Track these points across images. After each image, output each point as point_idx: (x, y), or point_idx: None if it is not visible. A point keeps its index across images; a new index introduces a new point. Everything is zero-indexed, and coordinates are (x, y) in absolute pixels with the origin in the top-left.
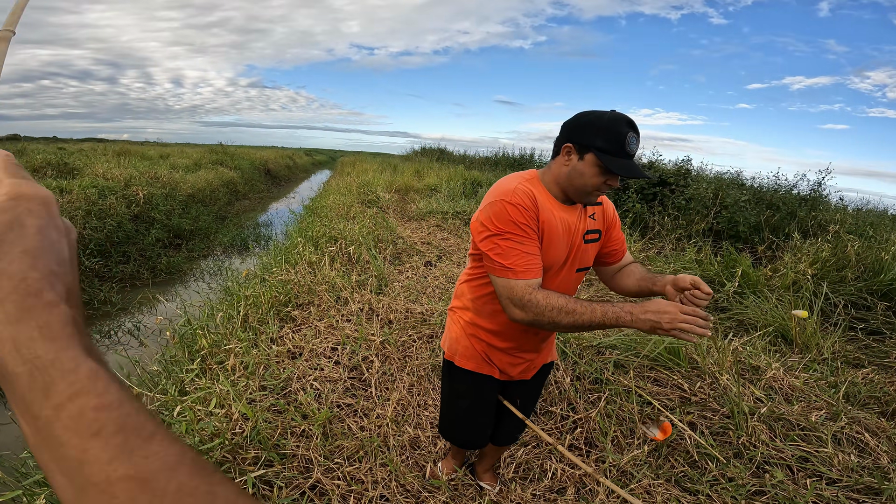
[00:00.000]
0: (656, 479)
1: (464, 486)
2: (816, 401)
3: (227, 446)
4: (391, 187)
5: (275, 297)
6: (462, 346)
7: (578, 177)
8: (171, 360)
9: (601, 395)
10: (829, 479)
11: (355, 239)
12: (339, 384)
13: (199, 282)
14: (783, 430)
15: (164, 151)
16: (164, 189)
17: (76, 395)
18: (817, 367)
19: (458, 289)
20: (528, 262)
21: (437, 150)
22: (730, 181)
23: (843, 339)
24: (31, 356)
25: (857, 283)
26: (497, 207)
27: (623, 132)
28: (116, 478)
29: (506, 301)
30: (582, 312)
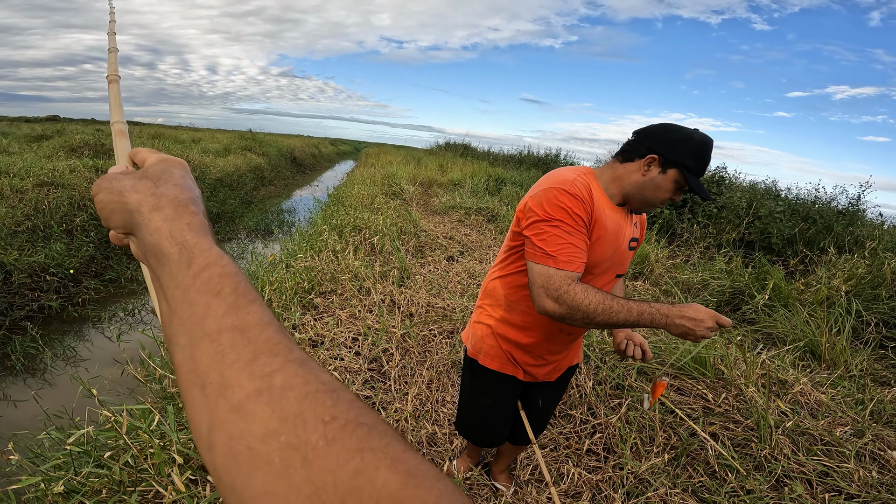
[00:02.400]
0: (673, 489)
1: (479, 486)
2: (842, 416)
3: None
4: (415, 180)
5: (298, 284)
6: (487, 344)
7: (654, 189)
8: None
9: (622, 401)
10: (847, 494)
11: (379, 230)
12: (359, 376)
13: None
14: (806, 444)
15: (196, 136)
16: (195, 172)
17: (208, 266)
18: (845, 384)
19: (488, 286)
20: (572, 254)
21: (461, 145)
22: (765, 191)
23: (873, 357)
24: (181, 240)
25: (890, 302)
26: (552, 194)
27: (710, 156)
28: (226, 327)
29: (539, 291)
30: (618, 311)
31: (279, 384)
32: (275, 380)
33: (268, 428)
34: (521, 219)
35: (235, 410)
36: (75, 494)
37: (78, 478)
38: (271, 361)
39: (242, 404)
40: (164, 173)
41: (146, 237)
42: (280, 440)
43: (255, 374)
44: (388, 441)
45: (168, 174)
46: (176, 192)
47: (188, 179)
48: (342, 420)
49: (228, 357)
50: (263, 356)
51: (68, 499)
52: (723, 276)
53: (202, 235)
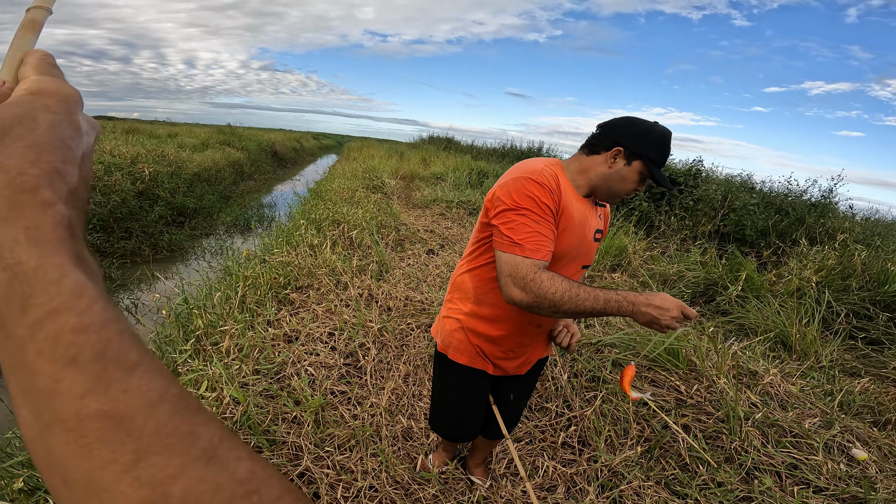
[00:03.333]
0: (647, 482)
1: (454, 480)
2: (811, 408)
3: None
4: (397, 174)
5: (274, 279)
6: (456, 339)
7: (620, 180)
8: (165, 340)
9: (597, 393)
10: (816, 487)
11: (358, 223)
12: (335, 371)
13: (200, 260)
14: (776, 436)
15: (172, 130)
16: (171, 167)
17: (55, 313)
18: (815, 375)
19: (457, 279)
20: (539, 242)
21: (444, 138)
22: (740, 184)
23: (843, 348)
24: (13, 261)
25: (860, 293)
26: (520, 183)
27: (669, 147)
28: (88, 414)
29: (506, 279)
30: (585, 299)
31: (178, 496)
32: (172, 490)
33: None
34: (489, 209)
35: None
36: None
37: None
38: (166, 464)
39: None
40: (18, 121)
41: None
42: None
43: (144, 483)
44: None
45: (27, 121)
46: (21, 164)
47: (63, 128)
48: None
49: (98, 456)
50: (153, 457)
51: (31, 495)
52: (697, 267)
53: (50, 252)
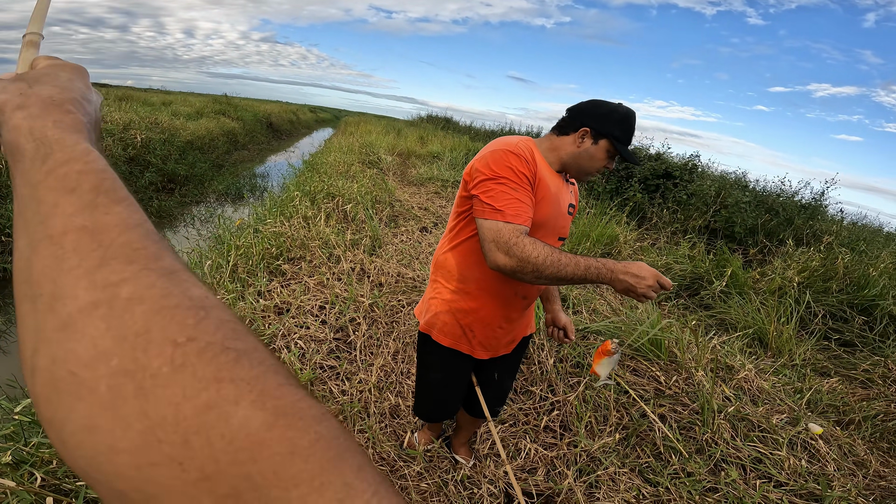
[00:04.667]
0: (622, 468)
1: (439, 459)
2: (780, 405)
3: None
4: (393, 150)
5: (266, 249)
6: (441, 321)
7: (588, 159)
8: None
9: (581, 379)
10: (777, 481)
11: (353, 198)
12: (325, 345)
13: (189, 227)
14: (745, 430)
15: (167, 99)
16: (164, 134)
17: (67, 161)
18: (787, 373)
19: (439, 259)
20: (519, 208)
21: (443, 118)
22: (734, 181)
23: (816, 348)
24: (41, 136)
25: (839, 296)
26: (497, 155)
27: (634, 126)
28: (73, 227)
29: (490, 245)
30: (567, 263)
31: (125, 296)
32: (121, 290)
33: (98, 349)
34: (468, 182)
35: (63, 327)
36: (24, 465)
37: (27, 448)
38: (123, 269)
39: (72, 319)
40: (45, 76)
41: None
42: (111, 364)
43: (97, 284)
44: (261, 372)
45: (51, 76)
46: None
47: (77, 83)
48: (202, 343)
49: (67, 262)
50: (114, 262)
51: (17, 469)
52: (685, 261)
53: (70, 132)
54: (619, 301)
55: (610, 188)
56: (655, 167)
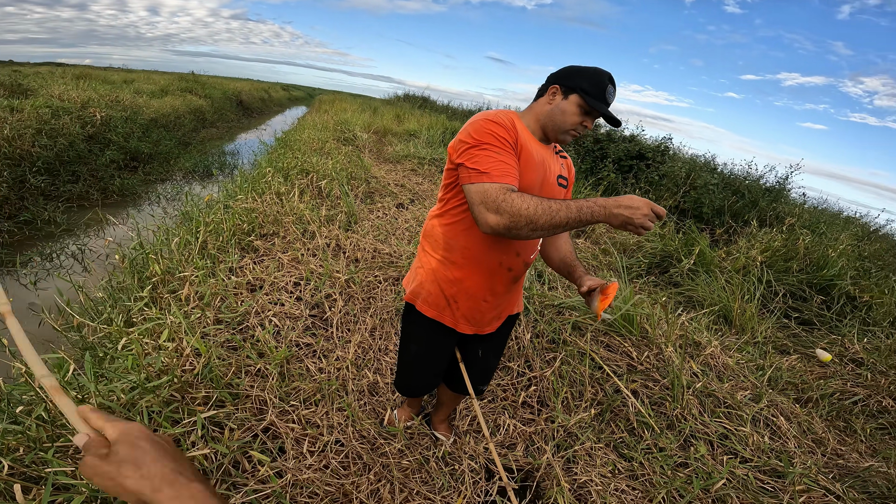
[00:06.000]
0: (598, 443)
1: (419, 436)
2: (744, 381)
3: (175, 384)
4: (369, 128)
5: (237, 225)
6: (426, 290)
7: (560, 114)
8: (118, 287)
9: (557, 355)
10: (742, 457)
11: (327, 174)
12: (300, 322)
13: (155, 206)
14: (711, 406)
15: (128, 77)
16: (125, 112)
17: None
18: (749, 350)
19: (427, 227)
20: (504, 170)
21: (420, 97)
22: (703, 164)
23: (777, 326)
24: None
25: (799, 275)
26: (479, 124)
27: (604, 82)
28: None
29: (479, 208)
30: (558, 209)
31: None
32: None
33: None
34: (452, 154)
35: None
36: None
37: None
38: None
39: None
40: (135, 452)
41: None
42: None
43: None
44: None
45: (140, 451)
46: (161, 470)
47: (156, 445)
48: None
49: None
50: None
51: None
52: (656, 239)
53: None
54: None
55: (585, 168)
56: (629, 148)
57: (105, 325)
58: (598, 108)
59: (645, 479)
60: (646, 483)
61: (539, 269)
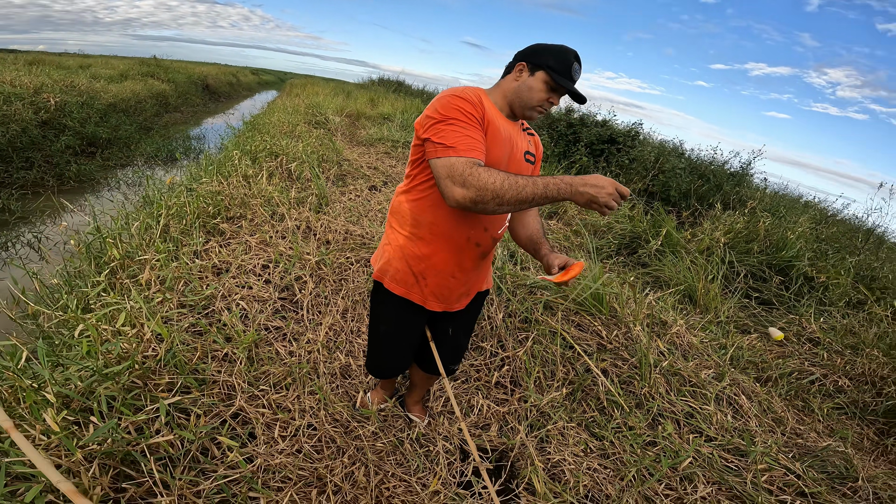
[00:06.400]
0: (570, 423)
1: (393, 418)
2: (707, 360)
3: (136, 371)
4: (342, 111)
5: (202, 208)
6: (394, 268)
7: (527, 91)
8: (75, 274)
9: (529, 334)
10: (707, 436)
11: (298, 156)
12: (269, 305)
13: (115, 192)
14: (677, 385)
15: (84, 62)
16: (82, 97)
17: None
18: (713, 329)
19: (394, 204)
20: (471, 144)
21: (395, 81)
22: (672, 149)
23: (738, 306)
24: None
25: (760, 256)
26: (445, 100)
27: (570, 59)
28: None
29: (446, 182)
30: (525, 184)
31: None
32: None
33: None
34: (419, 130)
35: None
36: None
37: None
38: None
39: None
40: None
41: None
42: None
43: None
44: None
45: None
46: None
47: None
48: None
49: None
50: None
51: None
52: (626, 220)
53: None
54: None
55: (558, 151)
56: (601, 133)
57: (61, 312)
58: (565, 84)
59: (616, 458)
60: (616, 462)
61: (511, 249)
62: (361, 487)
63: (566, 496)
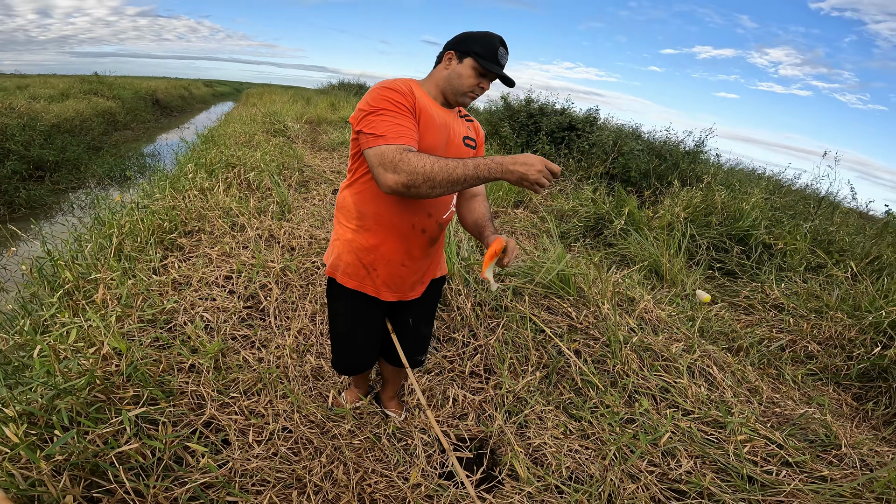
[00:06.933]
0: (547, 406)
1: (369, 415)
2: (677, 333)
3: (98, 385)
4: (302, 118)
5: (157, 224)
6: (344, 262)
7: (457, 78)
8: (29, 299)
9: (500, 321)
10: (684, 410)
11: (256, 166)
12: (234, 314)
13: (69, 216)
14: (650, 360)
15: (21, 83)
16: (22, 119)
17: None
18: (680, 302)
19: (339, 197)
20: (400, 132)
21: (356, 84)
22: (629, 133)
23: (703, 278)
24: None
25: (719, 228)
26: (375, 92)
27: (495, 44)
28: None
29: (378, 170)
30: (455, 166)
31: None
32: None
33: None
34: (353, 123)
35: None
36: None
37: None
38: None
39: None
40: None
41: None
42: None
43: None
44: None
45: None
46: None
47: None
48: None
49: None
50: None
51: None
52: (589, 203)
53: None
54: (530, 243)
55: (521, 142)
56: (560, 121)
57: (18, 336)
58: (492, 69)
59: (595, 438)
60: (597, 441)
61: None
62: (342, 485)
63: (550, 479)
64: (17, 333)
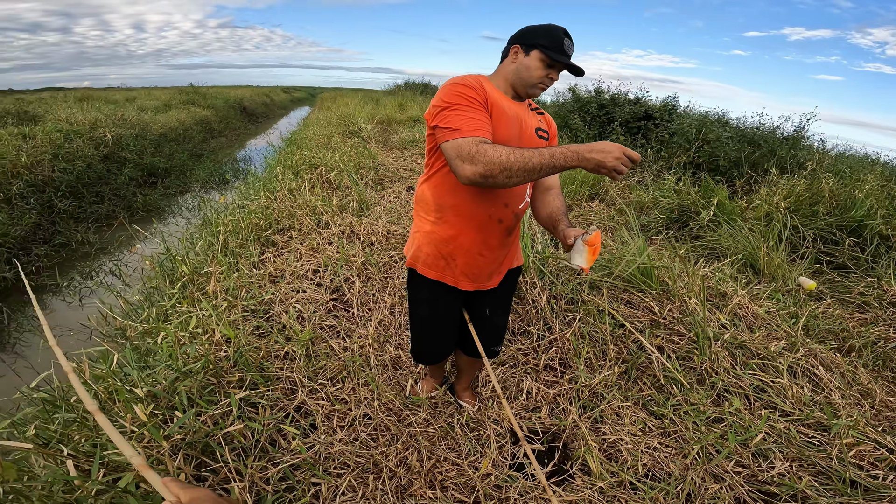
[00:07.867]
0: (625, 402)
1: (444, 405)
2: (776, 330)
3: (210, 370)
4: (373, 119)
5: (255, 223)
6: (424, 253)
7: (525, 70)
8: (152, 291)
9: (576, 315)
10: (782, 411)
11: (335, 166)
12: (322, 306)
13: (179, 217)
14: (743, 358)
15: (129, 95)
16: (134, 129)
17: None
18: (781, 298)
19: (418, 191)
20: (475, 125)
21: (420, 84)
22: (715, 119)
23: (809, 272)
24: None
25: (827, 218)
26: (447, 88)
27: (560, 35)
28: None
29: (456, 162)
30: (531, 156)
31: None
32: None
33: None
34: (428, 120)
35: None
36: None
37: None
38: None
39: None
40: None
41: None
42: None
43: None
44: None
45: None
46: None
47: None
48: None
49: None
50: None
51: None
52: (672, 194)
53: None
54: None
55: (593, 133)
56: (635, 110)
57: (144, 324)
58: (560, 59)
59: (678, 436)
60: (679, 439)
61: None
62: (415, 472)
63: (624, 475)
64: (144, 321)
